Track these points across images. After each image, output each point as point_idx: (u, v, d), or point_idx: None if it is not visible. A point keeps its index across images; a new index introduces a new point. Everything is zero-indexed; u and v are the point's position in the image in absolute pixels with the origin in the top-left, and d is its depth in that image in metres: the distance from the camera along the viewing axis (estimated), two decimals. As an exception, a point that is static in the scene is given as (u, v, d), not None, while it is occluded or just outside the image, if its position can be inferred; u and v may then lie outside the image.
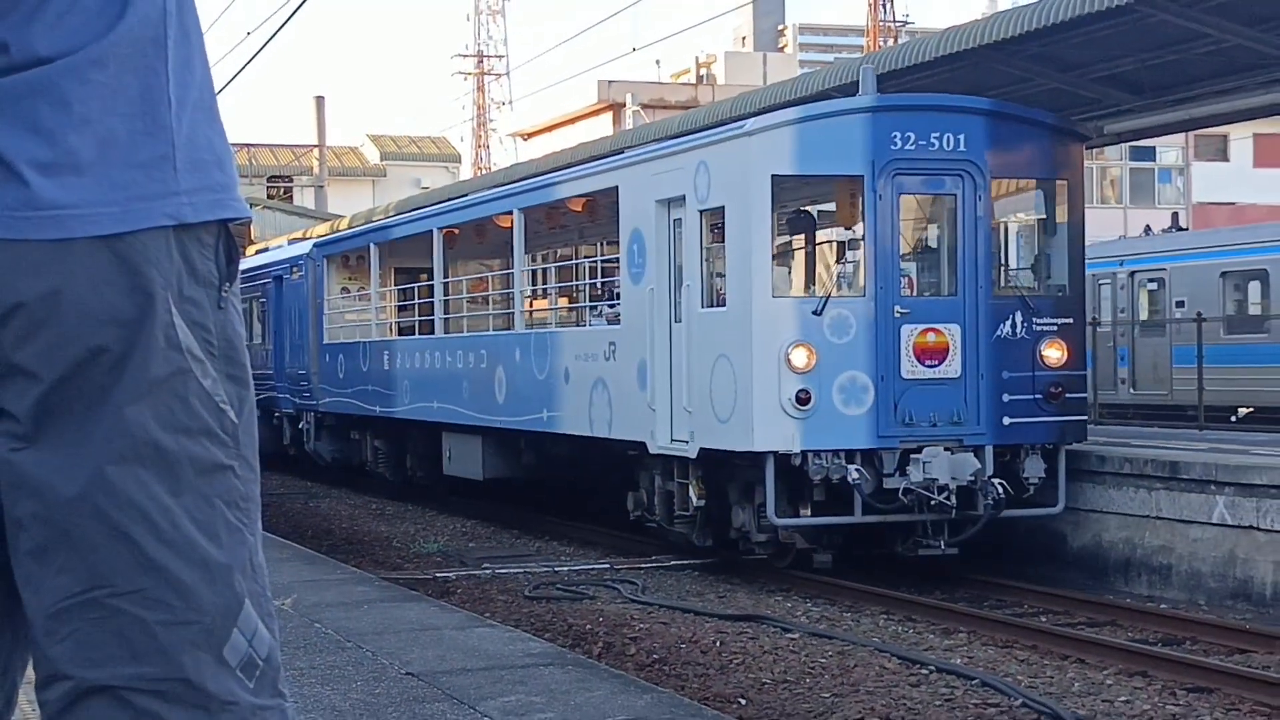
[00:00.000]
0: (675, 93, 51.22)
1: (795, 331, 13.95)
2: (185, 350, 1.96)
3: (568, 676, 7.89)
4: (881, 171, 14.03)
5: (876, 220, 14.14)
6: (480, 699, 7.17)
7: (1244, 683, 9.84)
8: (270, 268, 28.12)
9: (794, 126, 14.23)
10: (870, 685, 9.98)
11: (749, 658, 11.01)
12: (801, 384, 13.74)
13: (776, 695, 9.75)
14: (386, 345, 23.74)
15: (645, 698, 7.38)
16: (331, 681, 7.63)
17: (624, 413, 16.14)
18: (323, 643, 8.85)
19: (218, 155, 2.02)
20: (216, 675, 1.98)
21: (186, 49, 2.01)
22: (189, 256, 1.99)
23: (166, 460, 1.95)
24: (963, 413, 14.22)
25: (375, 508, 22.46)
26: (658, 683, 9.10)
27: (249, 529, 2.02)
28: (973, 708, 9.30)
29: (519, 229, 19.44)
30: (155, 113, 1.94)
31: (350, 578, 12.27)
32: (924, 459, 13.78)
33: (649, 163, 16.19)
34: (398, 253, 24.35)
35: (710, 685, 10.08)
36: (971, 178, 14.28)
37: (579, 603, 13.56)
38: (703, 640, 11.65)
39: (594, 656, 10.43)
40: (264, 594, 1.97)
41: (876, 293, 14.06)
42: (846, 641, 11.46)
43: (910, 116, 14.27)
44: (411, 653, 8.48)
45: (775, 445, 13.75)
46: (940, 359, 14.32)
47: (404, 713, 6.94)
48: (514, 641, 9.12)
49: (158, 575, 1.95)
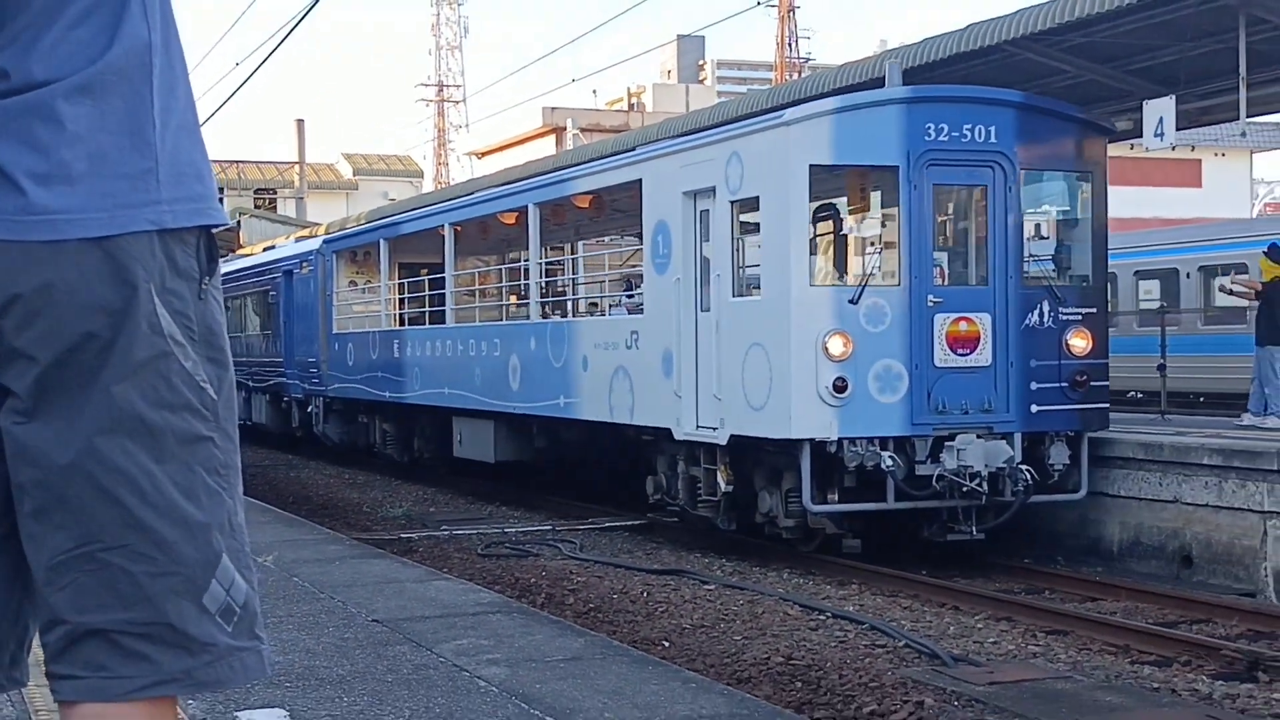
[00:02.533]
0: (610, 118, 51.13)
1: (832, 320, 12.88)
2: (168, 335, 1.99)
3: (513, 623, 7.88)
4: (916, 162, 13.03)
5: (911, 210, 13.07)
6: (436, 642, 7.16)
7: (1094, 625, 9.99)
8: (280, 263, 27.48)
9: (831, 117, 13.04)
10: (775, 629, 10.04)
11: (672, 606, 11.02)
12: (838, 372, 12.72)
13: (695, 638, 9.77)
14: (397, 334, 22.52)
15: (580, 640, 7.39)
16: (307, 627, 7.61)
17: (647, 400, 14.97)
18: (299, 594, 8.82)
19: (198, 170, 2.04)
20: (197, 620, 2.00)
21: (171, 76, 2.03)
22: (172, 255, 2.02)
23: (150, 432, 1.97)
24: (993, 400, 13.25)
25: (348, 478, 22.38)
26: (592, 628, 9.12)
27: (228, 493, 2.04)
28: (863, 648, 9.35)
29: (534, 224, 18.31)
30: (141, 131, 1.97)
31: (324, 538, 12.21)
32: (958, 446, 12.80)
33: (675, 155, 14.91)
34: (407, 248, 23.34)
35: (638, 630, 10.11)
36: (1002, 169, 13.32)
37: (525, 559, 13.56)
38: (632, 591, 11.68)
39: (537, 606, 10.45)
40: (242, 549, 1.98)
41: (911, 282, 13.06)
42: (756, 592, 11.49)
43: (944, 108, 13.24)
44: (377, 602, 8.46)
45: (812, 433, 12.67)
46: (971, 348, 13.37)
47: (370, 654, 6.91)
48: (467, 593, 9.12)
49: (142, 532, 1.96)
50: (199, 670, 1.89)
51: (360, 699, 5.98)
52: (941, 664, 8.88)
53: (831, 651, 9.37)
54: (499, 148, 56.21)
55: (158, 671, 1.90)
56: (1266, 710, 7.96)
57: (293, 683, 6.33)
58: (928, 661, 9.00)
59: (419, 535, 15.46)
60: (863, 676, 8.59)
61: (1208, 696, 8.17)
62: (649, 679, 6.43)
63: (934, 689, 8.20)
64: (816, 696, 8.19)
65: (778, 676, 8.68)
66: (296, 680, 6.40)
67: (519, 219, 19.06)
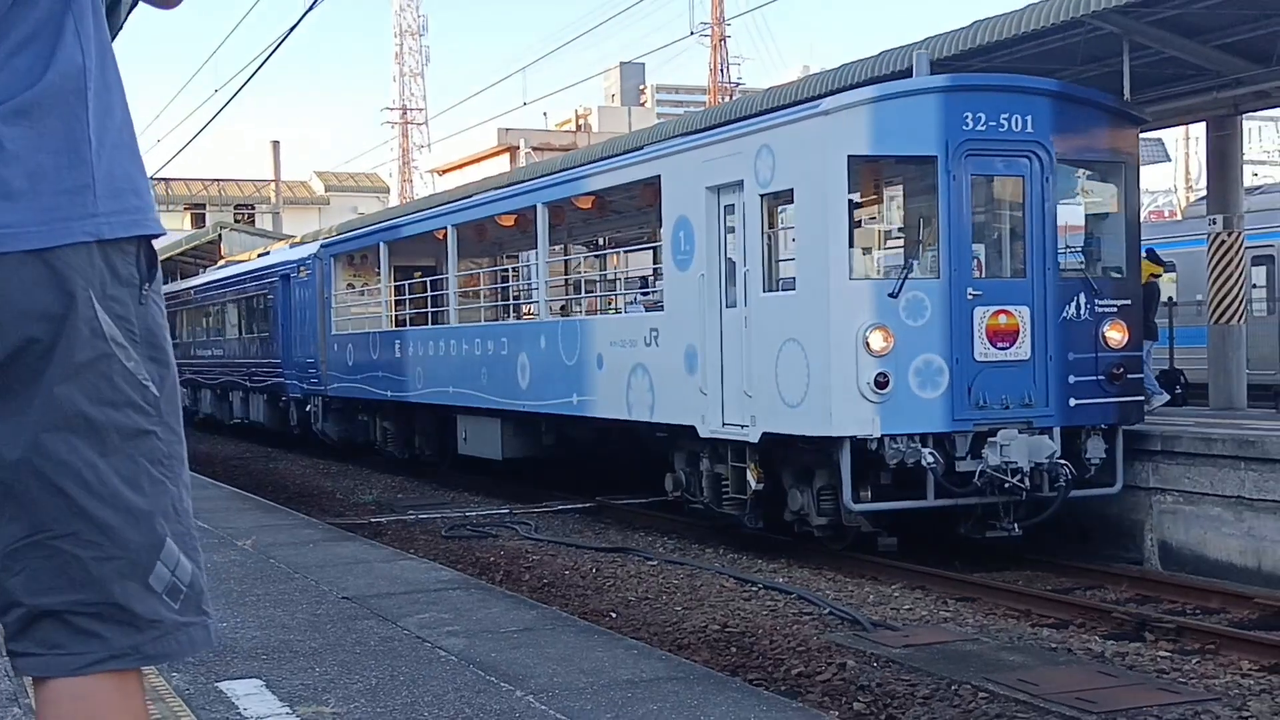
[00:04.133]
0: (559, 138, 51.77)
1: (872, 314, 11.86)
2: (110, 338, 2.01)
3: (471, 598, 7.97)
4: (954, 152, 12.06)
5: (950, 202, 12.10)
6: (401, 616, 7.26)
7: (999, 593, 10.22)
8: (277, 268, 27.59)
9: (869, 106, 12.03)
10: (712, 600, 10.27)
11: (618, 581, 11.26)
12: (880, 367, 11.72)
13: (640, 609, 9.98)
14: (398, 335, 21.54)
15: (533, 613, 7.55)
16: (282, 604, 7.73)
17: (668, 397, 14.10)
18: (275, 574, 8.90)
19: (134, 185, 2.07)
20: (143, 599, 2.03)
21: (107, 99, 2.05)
22: (113, 264, 2.03)
23: (94, 427, 1.99)
24: (1033, 394, 12.22)
25: (322, 468, 22.69)
26: (545, 602, 9.42)
27: (172, 481, 2.08)
28: (791, 616, 9.57)
29: (543, 224, 17.17)
30: (77, 150, 1.98)
31: (299, 523, 12.41)
32: (1000, 442, 11.89)
33: (697, 150, 13.91)
34: (408, 251, 22.56)
35: (588, 603, 10.34)
36: (1039, 159, 12.36)
37: (485, 540, 13.79)
38: (582, 568, 11.88)
39: (495, 582, 10.67)
40: (188, 533, 2.04)
41: (951, 274, 12.09)
42: (695, 567, 11.71)
43: (981, 97, 12.27)
44: (347, 581, 8.58)
45: (853, 430, 11.72)
46: (1011, 341, 12.26)
47: (340, 628, 7.00)
48: (430, 571, 9.29)
49: (88, 520, 1.99)
50: (146, 645, 2.00)
51: (331, 669, 6.06)
52: (862, 629, 9.16)
53: (763, 619, 9.58)
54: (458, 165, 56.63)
55: (108, 647, 1.99)
56: (1152, 666, 8.24)
57: (269, 655, 6.38)
58: (849, 627, 9.30)
59: (387, 520, 15.78)
60: (791, 641, 8.85)
61: (1100, 655, 8.45)
62: (595, 647, 6.53)
63: (855, 651, 8.47)
64: (750, 660, 8.41)
65: (714, 643, 8.87)
66: (272, 653, 6.46)
67: (527, 220, 18.33)
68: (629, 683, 6.18)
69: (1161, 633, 9.71)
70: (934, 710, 7.66)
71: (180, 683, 6.24)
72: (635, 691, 5.99)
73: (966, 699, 7.85)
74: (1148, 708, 7.57)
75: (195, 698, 5.96)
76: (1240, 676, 8.46)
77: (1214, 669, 8.67)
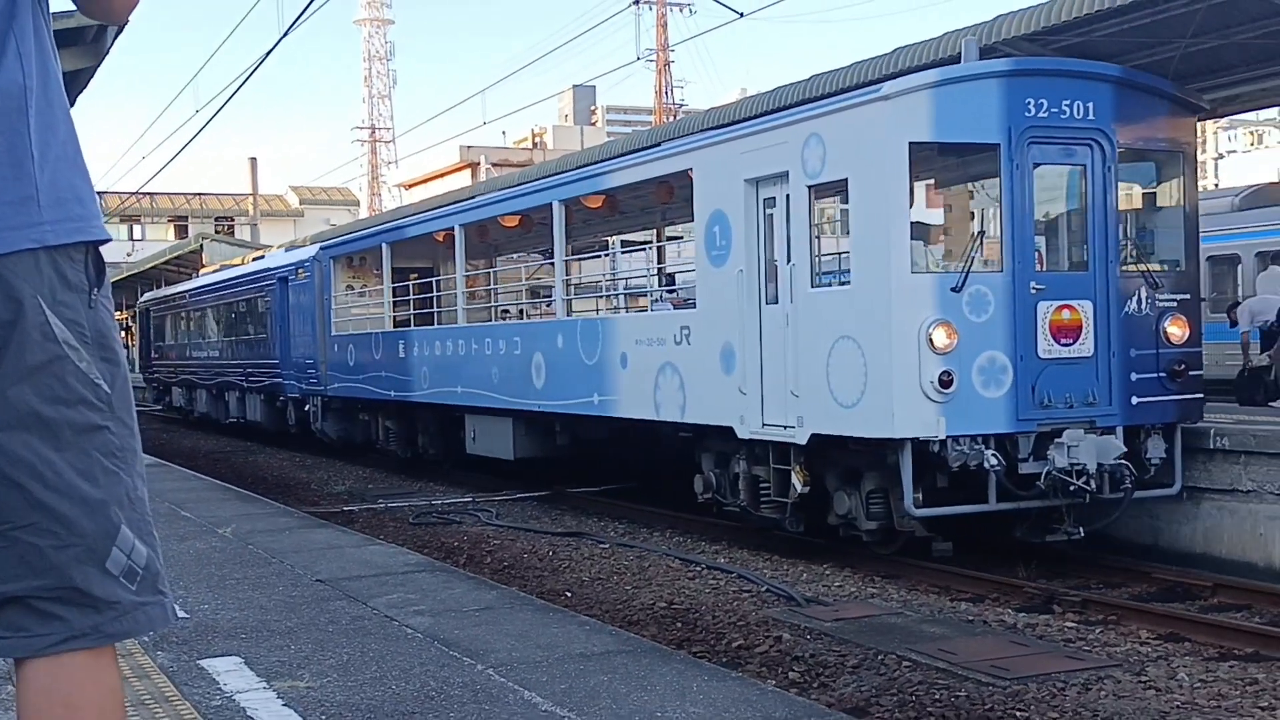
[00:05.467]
0: (517, 155, 52.44)
1: (935, 309, 10.72)
2: (61, 341, 2.04)
3: (437, 580, 8.10)
4: (1018, 140, 10.97)
5: (1014, 191, 11.02)
6: (370, 597, 7.44)
7: (920, 570, 10.40)
8: (274, 270, 27.63)
9: (932, 91, 10.85)
10: (660, 580, 10.66)
11: (573, 563, 11.59)
12: (944, 365, 10.60)
13: (593, 589, 10.34)
14: (402, 335, 20.51)
15: (494, 593, 7.76)
16: (260, 587, 7.88)
17: (702, 397, 13.10)
18: (253, 559, 9.04)
19: (78, 194, 2.16)
20: (101, 582, 2.07)
21: (50, 115, 2.07)
22: (62, 272, 2.03)
23: (48, 425, 2.01)
24: (1096, 392, 11.13)
25: (298, 460, 22.97)
26: (505, 583, 9.96)
27: (125, 472, 2.16)
28: (732, 594, 9.94)
29: (559, 222, 15.99)
30: (20, 164, 1.99)
31: (276, 511, 12.68)
32: (1067, 442, 10.86)
33: (735, 141, 12.69)
34: (409, 252, 21.61)
35: (545, 583, 10.73)
36: (1101, 148, 11.29)
37: (449, 526, 14.12)
38: (539, 551, 12.12)
39: (459, 565, 11.08)
40: (143, 519, 2.05)
41: (1015, 268, 11.04)
42: (643, 549, 12.11)
43: (1043, 82, 11.18)
44: (320, 565, 8.78)
45: (916, 431, 10.68)
46: (1074, 337, 11.06)
47: (314, 608, 7.19)
48: (397, 555, 9.60)
49: (45, 511, 2.02)
50: (106, 625, 2.00)
51: (305, 646, 6.15)
52: (796, 605, 9.53)
53: (706, 597, 9.85)
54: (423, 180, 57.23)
55: (69, 628, 2.03)
56: (1060, 636, 8.57)
57: (247, 634, 6.45)
58: (785, 603, 9.64)
59: (359, 508, 16.20)
60: (732, 617, 9.16)
61: (1013, 626, 8.82)
62: (551, 624, 6.65)
63: (790, 625, 8.83)
64: (694, 635, 8.75)
65: (662, 619, 9.14)
66: (251, 632, 6.53)
67: (532, 220, 17.71)
68: (582, 656, 6.33)
69: (1069, 605, 10.13)
70: (862, 678, 7.95)
71: (164, 660, 6.33)
72: (588, 664, 6.15)
73: (891, 668, 8.18)
74: (1056, 673, 7.94)
75: (179, 674, 6.10)
76: (1139, 644, 8.90)
77: (1116, 638, 9.12)
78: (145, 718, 5.28)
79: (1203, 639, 8.96)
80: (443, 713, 5.41)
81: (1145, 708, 7.31)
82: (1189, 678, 7.92)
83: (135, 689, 5.82)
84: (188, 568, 9.29)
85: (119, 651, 1.99)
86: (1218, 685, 7.73)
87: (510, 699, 5.61)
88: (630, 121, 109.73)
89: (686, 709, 5.41)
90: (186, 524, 11.76)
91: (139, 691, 5.74)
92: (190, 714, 5.36)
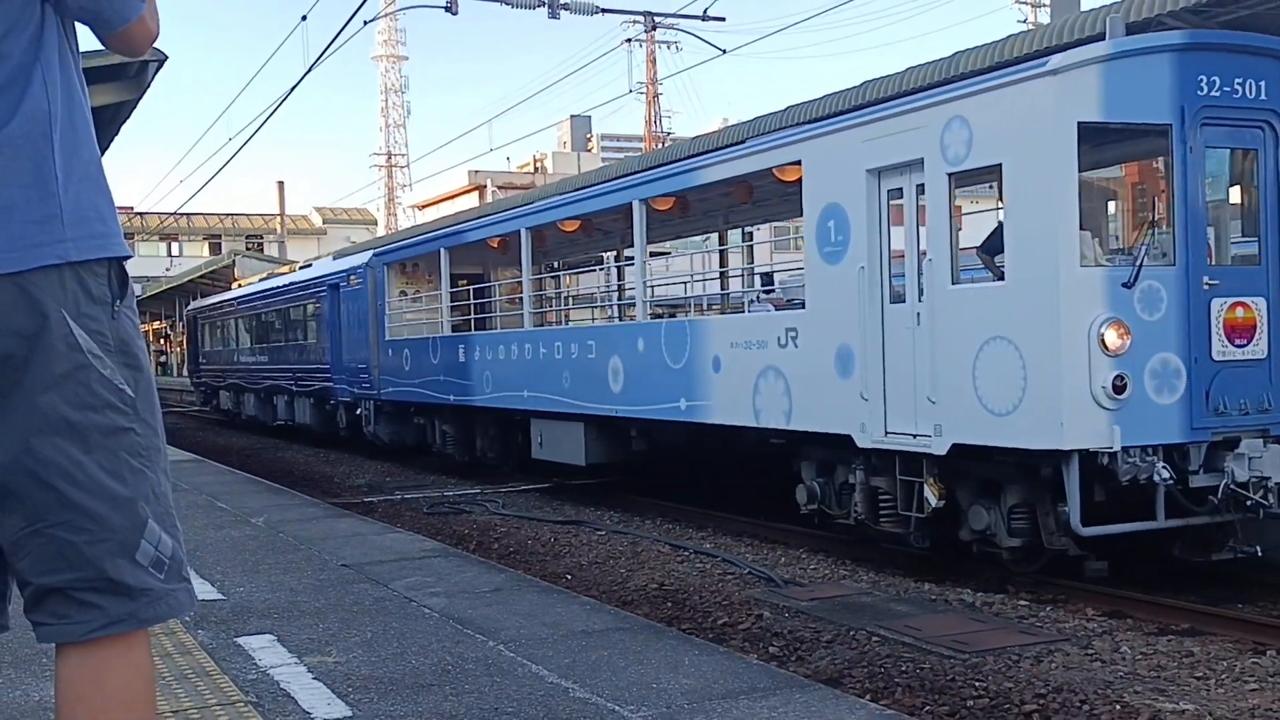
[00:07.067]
0: (520, 178, 51.88)
1: (1106, 307, 9.09)
2: (86, 351, 2.02)
3: (450, 564, 8.08)
4: (1191, 121, 9.32)
5: (1186, 177, 9.38)
6: (391, 580, 7.39)
7: (888, 553, 10.42)
8: (326, 278, 26.76)
9: (1102, 65, 9.16)
10: (652, 564, 10.64)
11: (573, 548, 11.61)
12: (1117, 369, 8.97)
13: (591, 572, 10.43)
14: (463, 340, 19.00)
15: (501, 575, 7.72)
16: (290, 571, 7.87)
17: (812, 402, 11.37)
18: (284, 546, 9.01)
19: (100, 213, 2.24)
20: (133, 572, 2.07)
21: (74, 139, 2.05)
22: (86, 286, 2.01)
23: (76, 429, 1.99)
24: (1271, 398, 9.47)
25: (322, 456, 22.58)
26: (511, 567, 9.94)
27: (151, 470, 2.18)
28: (717, 576, 9.97)
29: (639, 222, 14.17)
30: (45, 184, 1.97)
31: (304, 502, 12.69)
32: (1248, 453, 9.25)
33: (855, 129, 10.84)
34: (460, 258, 20.14)
35: (547, 567, 10.72)
36: (1274, 130, 9.65)
37: (460, 515, 14.09)
38: (542, 538, 12.14)
39: (470, 550, 10.96)
40: (167, 513, 2.06)
41: (1188, 261, 9.39)
42: (636, 536, 12.15)
43: (1215, 58, 9.49)
44: (345, 551, 8.76)
45: (1088, 442, 9.01)
46: (1249, 337, 9.37)
47: (340, 590, 7.18)
48: (414, 541, 9.46)
49: (77, 510, 2.02)
50: (141, 610, 2.02)
51: (333, 625, 6.13)
52: (776, 586, 9.55)
53: (694, 579, 9.85)
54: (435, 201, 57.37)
55: (106, 615, 2.02)
56: (1014, 614, 8.58)
57: (280, 614, 6.44)
58: (765, 584, 9.66)
59: (378, 499, 16.18)
60: (717, 597, 9.18)
61: (972, 605, 9.00)
62: (554, 604, 6.64)
63: (770, 604, 8.88)
64: (683, 613, 8.79)
65: (654, 599, 9.16)
66: (283, 613, 6.52)
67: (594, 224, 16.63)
68: (584, 633, 6.34)
69: (1022, 586, 9.87)
70: (835, 652, 8.01)
71: (204, 638, 6.35)
72: (589, 640, 6.16)
73: (862, 642, 8.26)
74: (1011, 647, 8.03)
75: (218, 650, 6.10)
76: (1086, 621, 9.02)
77: (1065, 615, 9.30)
78: (188, 690, 5.28)
79: (1144, 616, 9.07)
80: (459, 685, 5.44)
81: (1092, 678, 7.40)
82: (1131, 651, 8.01)
83: (178, 664, 5.87)
84: (224, 554, 9.32)
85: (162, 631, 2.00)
86: (1157, 658, 7.80)
87: (520, 672, 5.65)
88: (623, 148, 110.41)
89: (679, 680, 5.45)
90: (222, 514, 11.83)
91: (181, 666, 5.77)
92: (229, 687, 5.39)
